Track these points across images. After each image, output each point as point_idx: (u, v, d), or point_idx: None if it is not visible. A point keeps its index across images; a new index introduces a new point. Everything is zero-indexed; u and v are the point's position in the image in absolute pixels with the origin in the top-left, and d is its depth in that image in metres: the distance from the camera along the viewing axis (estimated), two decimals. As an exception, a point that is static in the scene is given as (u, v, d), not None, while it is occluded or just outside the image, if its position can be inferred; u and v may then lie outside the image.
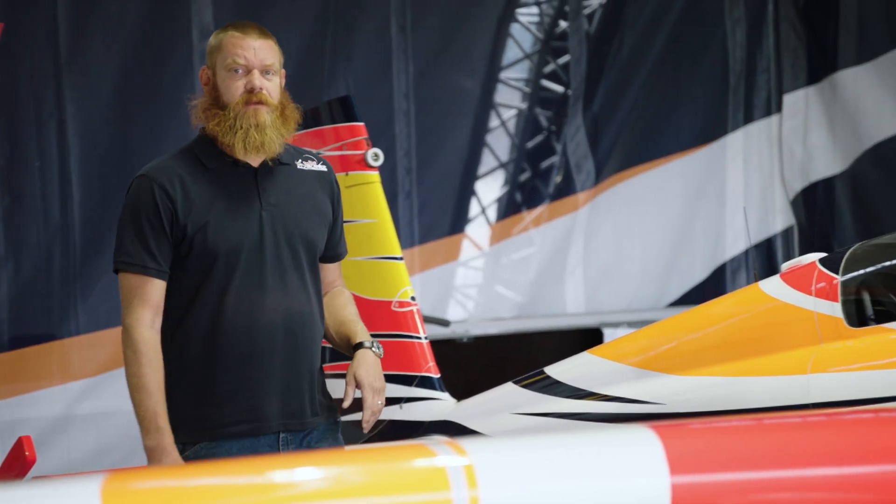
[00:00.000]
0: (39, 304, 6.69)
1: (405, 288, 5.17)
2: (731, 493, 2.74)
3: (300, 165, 3.78)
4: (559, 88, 8.37)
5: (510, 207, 8.24)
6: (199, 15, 7.04)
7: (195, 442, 3.63)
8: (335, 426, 3.79)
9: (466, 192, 8.09)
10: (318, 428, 3.72)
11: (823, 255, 4.43)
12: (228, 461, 3.16)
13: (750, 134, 8.75)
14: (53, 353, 6.72)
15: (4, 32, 6.60)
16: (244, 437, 3.63)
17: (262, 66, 3.68)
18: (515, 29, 8.28)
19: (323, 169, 3.83)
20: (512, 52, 8.29)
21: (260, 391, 3.64)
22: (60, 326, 6.71)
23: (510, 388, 4.86)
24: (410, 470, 2.65)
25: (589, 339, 7.90)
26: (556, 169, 8.31)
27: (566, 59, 8.31)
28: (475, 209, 8.16)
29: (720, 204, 8.66)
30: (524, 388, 4.80)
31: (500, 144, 8.26)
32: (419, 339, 5.15)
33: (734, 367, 4.29)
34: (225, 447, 3.62)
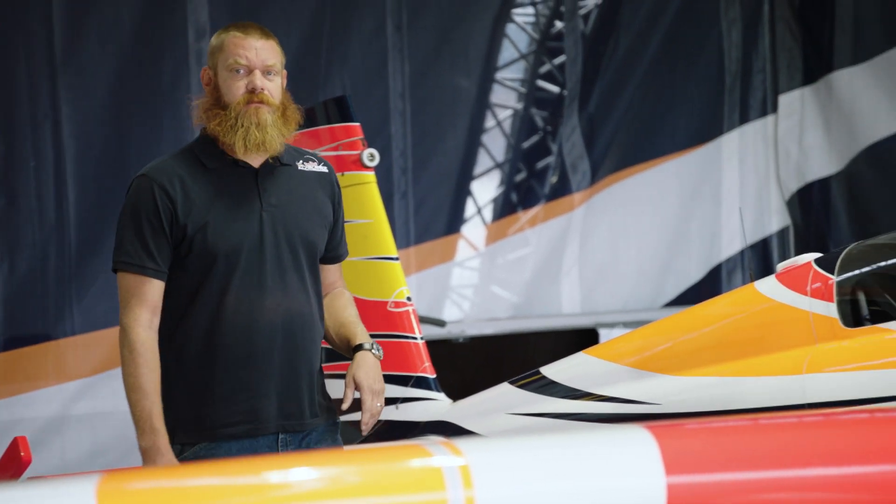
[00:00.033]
0: (35, 304, 6.68)
1: (401, 288, 5.17)
2: (726, 493, 2.74)
3: (301, 166, 3.78)
4: (555, 89, 8.37)
5: (506, 208, 8.23)
6: (194, 15, 7.03)
7: (194, 443, 3.63)
8: (334, 427, 3.79)
9: (462, 192, 8.09)
10: (317, 429, 3.72)
11: (819, 255, 4.43)
12: (224, 461, 3.16)
13: (746, 134, 8.75)
14: (49, 353, 6.71)
15: (-1, 33, 6.61)
16: (243, 437, 3.62)
17: (263, 66, 3.68)
18: (511, 29, 8.28)
19: (324, 170, 3.82)
20: (508, 52, 8.29)
21: (259, 392, 3.63)
22: (56, 327, 6.71)
23: (506, 388, 4.86)
24: (406, 470, 2.65)
25: (585, 339, 7.90)
26: (551, 169, 8.31)
27: (562, 59, 8.31)
28: (471, 209, 8.15)
29: (716, 204, 8.66)
30: (520, 388, 4.80)
31: (495, 145, 8.26)
32: (415, 339, 5.15)
33: (730, 367, 4.29)
34: (224, 448, 3.62)
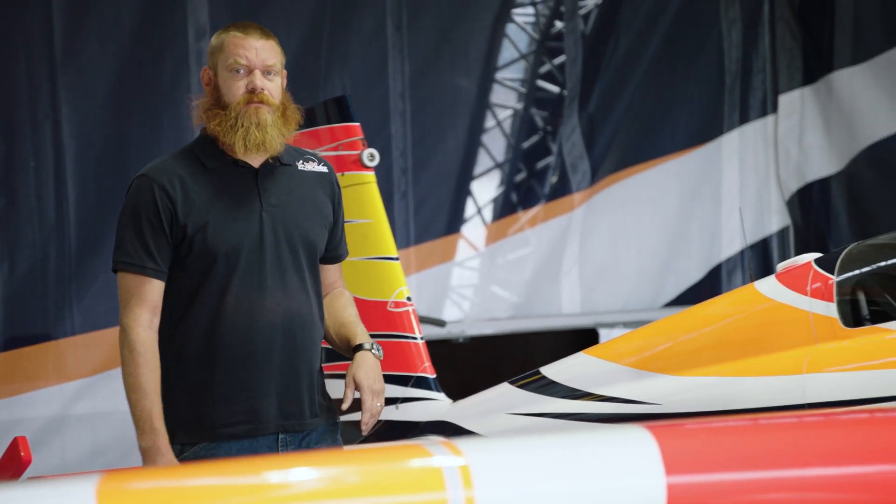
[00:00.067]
0: (35, 304, 6.68)
1: (401, 288, 5.16)
2: (726, 493, 2.73)
3: (301, 166, 3.78)
4: (555, 89, 8.36)
5: (506, 208, 8.23)
6: (194, 15, 7.03)
7: (194, 443, 3.63)
8: (334, 427, 3.79)
9: (462, 192, 8.09)
10: (317, 429, 3.72)
11: (819, 255, 4.43)
12: (224, 461, 3.16)
13: (746, 134, 8.75)
14: (49, 353, 6.71)
15: (-1, 33, 6.61)
16: (243, 437, 3.62)
17: (263, 66, 3.68)
18: (511, 29, 8.28)
19: (324, 170, 3.82)
20: (508, 52, 8.29)
21: (259, 392, 3.63)
22: (56, 327, 6.70)
23: (506, 388, 4.86)
24: (406, 470, 2.65)
25: (584, 339, 7.90)
26: (551, 169, 8.31)
27: (562, 59, 8.31)
28: (471, 209, 8.15)
29: (716, 204, 8.66)
30: (520, 388, 4.80)
31: (495, 145, 8.26)
32: (415, 339, 5.15)
33: (730, 367, 4.29)
34: (224, 448, 3.62)
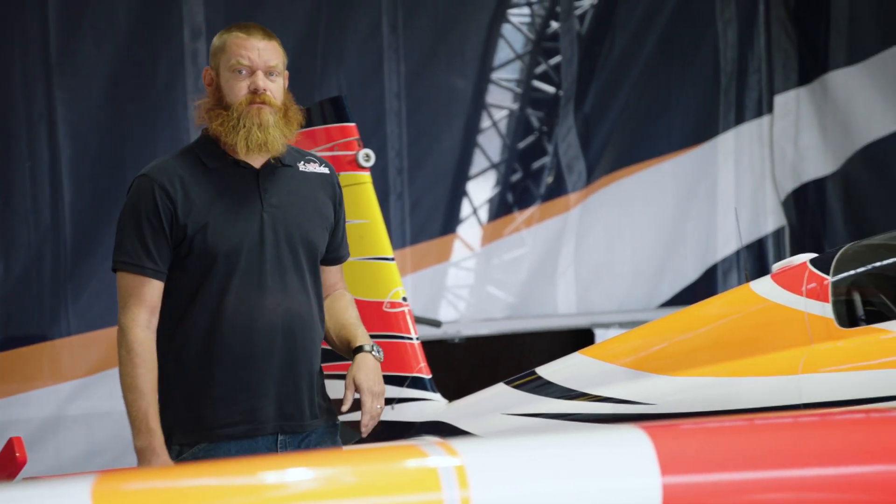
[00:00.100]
0: (30, 304, 6.67)
1: (397, 288, 5.16)
2: (722, 493, 2.74)
3: (302, 167, 3.77)
4: (550, 89, 8.37)
5: (502, 208, 8.23)
6: (190, 15, 7.02)
7: (194, 443, 3.62)
8: (334, 429, 3.78)
9: (458, 192, 8.09)
10: (316, 431, 3.71)
11: (814, 255, 4.43)
12: (219, 462, 3.16)
13: (741, 134, 8.76)
14: (44, 353, 6.70)
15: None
16: (242, 438, 3.62)
17: (265, 67, 3.68)
18: (507, 29, 8.28)
19: (325, 171, 3.82)
20: (503, 52, 8.29)
21: (259, 392, 3.63)
22: (51, 327, 6.70)
23: (501, 388, 4.86)
24: (402, 470, 2.65)
25: (580, 339, 7.90)
26: (547, 169, 8.31)
27: (557, 59, 8.31)
28: (467, 210, 8.15)
29: (711, 204, 8.67)
30: (515, 388, 4.80)
31: (491, 145, 8.26)
32: (411, 339, 5.15)
33: (725, 367, 4.29)
34: (223, 449, 3.61)
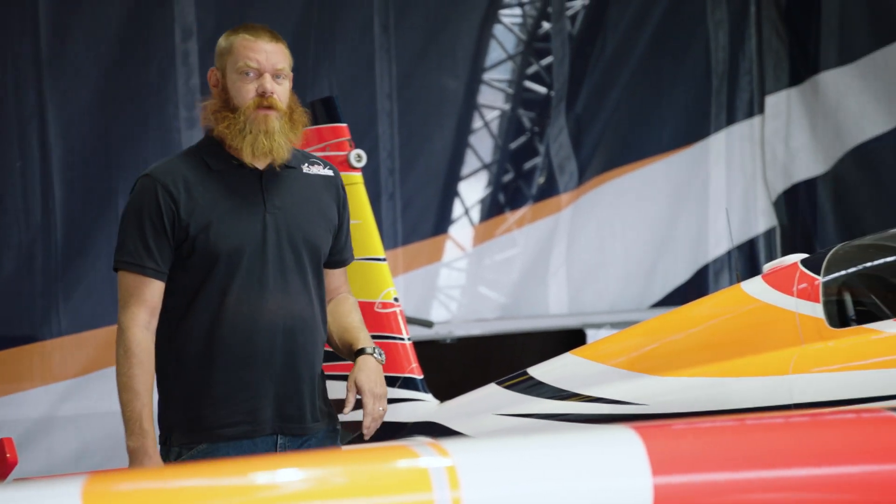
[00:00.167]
0: (21, 304, 6.66)
1: (388, 289, 5.16)
2: (713, 493, 2.74)
3: (306, 170, 3.77)
4: (542, 90, 8.37)
5: (493, 208, 8.24)
6: (181, 15, 7.02)
7: (193, 444, 3.62)
8: (335, 433, 3.78)
9: (450, 193, 8.09)
10: (316, 434, 3.71)
11: (805, 256, 4.44)
12: (210, 462, 3.15)
13: (732, 135, 8.77)
14: (35, 354, 6.69)
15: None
16: (241, 438, 3.61)
17: (273, 69, 3.67)
18: (498, 30, 8.28)
19: (329, 174, 3.81)
20: (495, 53, 8.29)
21: (259, 392, 3.62)
22: (42, 327, 6.68)
23: (493, 389, 4.86)
24: (393, 471, 2.65)
25: (572, 339, 7.90)
26: (539, 170, 8.32)
27: (549, 60, 8.32)
28: (458, 210, 8.15)
29: (703, 205, 8.67)
30: (507, 388, 4.79)
31: (483, 145, 8.27)
32: (402, 340, 5.14)
33: (717, 367, 4.29)
34: (223, 450, 3.60)
